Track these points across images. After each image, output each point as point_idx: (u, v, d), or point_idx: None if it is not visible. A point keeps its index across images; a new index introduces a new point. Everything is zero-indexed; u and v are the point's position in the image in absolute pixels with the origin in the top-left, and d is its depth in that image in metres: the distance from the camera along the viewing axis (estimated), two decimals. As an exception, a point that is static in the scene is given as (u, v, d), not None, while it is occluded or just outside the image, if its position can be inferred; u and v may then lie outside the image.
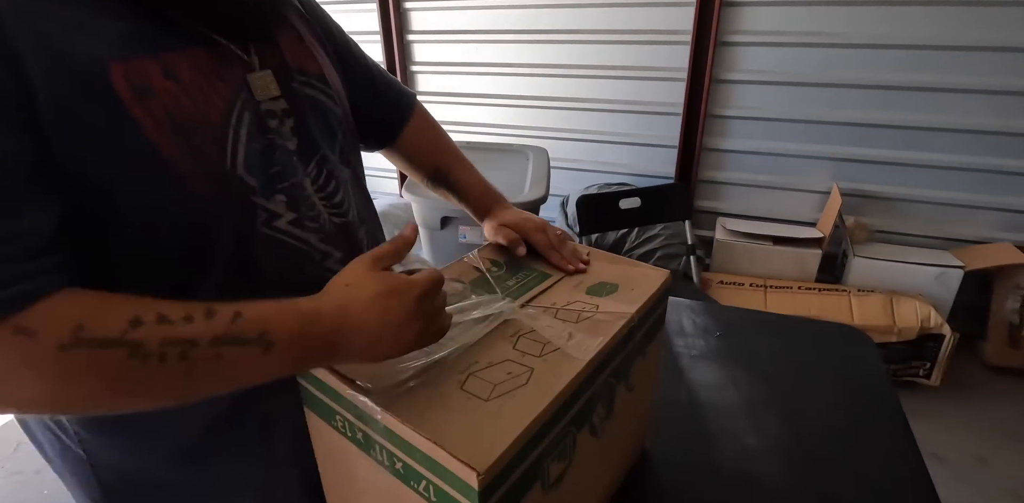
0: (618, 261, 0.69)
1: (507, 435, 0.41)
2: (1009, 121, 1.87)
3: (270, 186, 0.53)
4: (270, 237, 0.53)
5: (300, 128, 0.57)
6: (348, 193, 0.63)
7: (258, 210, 0.52)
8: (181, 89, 0.46)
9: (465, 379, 0.47)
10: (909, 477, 0.75)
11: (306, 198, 0.56)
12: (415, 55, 2.67)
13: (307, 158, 0.57)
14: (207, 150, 0.48)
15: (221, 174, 0.49)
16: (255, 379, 0.43)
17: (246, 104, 0.51)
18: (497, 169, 1.85)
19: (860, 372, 0.98)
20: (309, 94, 0.59)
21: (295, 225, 0.55)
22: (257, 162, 0.51)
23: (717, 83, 2.15)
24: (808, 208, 2.24)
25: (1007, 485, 1.55)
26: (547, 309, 0.58)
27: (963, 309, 1.96)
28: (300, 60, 0.59)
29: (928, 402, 1.85)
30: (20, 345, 0.36)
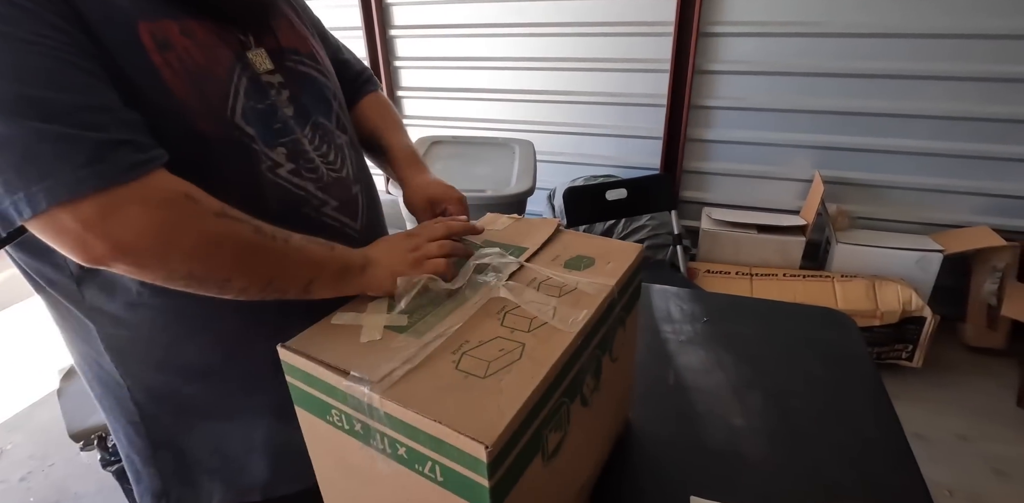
0: (590, 237, 0.71)
1: (510, 408, 0.42)
2: (983, 106, 1.91)
3: (272, 139, 0.62)
4: (273, 181, 0.62)
5: (294, 98, 0.66)
6: (343, 154, 0.71)
7: (261, 156, 0.61)
8: (194, 45, 0.56)
9: (459, 359, 0.48)
10: (892, 454, 0.78)
11: (304, 153, 0.65)
12: (398, 50, 2.66)
13: (302, 123, 0.66)
14: (212, 97, 0.57)
15: (223, 120, 0.58)
16: (318, 273, 0.57)
17: (244, 72, 0.60)
18: (483, 163, 1.85)
19: (843, 353, 1.00)
20: (302, 70, 0.68)
21: (294, 174, 0.64)
22: (256, 117, 0.60)
23: (700, 74, 2.17)
24: (791, 196, 2.27)
25: (987, 461, 1.59)
26: (530, 283, 0.59)
27: (943, 292, 2.00)
28: (293, 42, 0.68)
29: (910, 383, 1.89)
30: (190, 207, 0.49)
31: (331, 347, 0.50)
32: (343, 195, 0.69)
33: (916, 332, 1.88)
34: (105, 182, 0.45)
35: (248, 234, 0.52)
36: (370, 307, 0.56)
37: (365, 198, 0.73)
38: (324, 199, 0.66)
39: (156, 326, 0.62)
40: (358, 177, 0.73)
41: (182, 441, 0.69)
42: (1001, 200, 2.03)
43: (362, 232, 0.71)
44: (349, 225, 0.70)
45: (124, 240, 0.46)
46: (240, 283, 0.53)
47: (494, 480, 0.41)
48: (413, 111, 2.78)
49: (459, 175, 1.74)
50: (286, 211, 0.63)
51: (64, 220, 0.44)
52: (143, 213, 0.46)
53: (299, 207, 0.64)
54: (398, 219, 2.41)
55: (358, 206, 0.72)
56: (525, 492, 0.46)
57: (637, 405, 0.86)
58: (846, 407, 0.87)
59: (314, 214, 0.66)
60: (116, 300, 0.61)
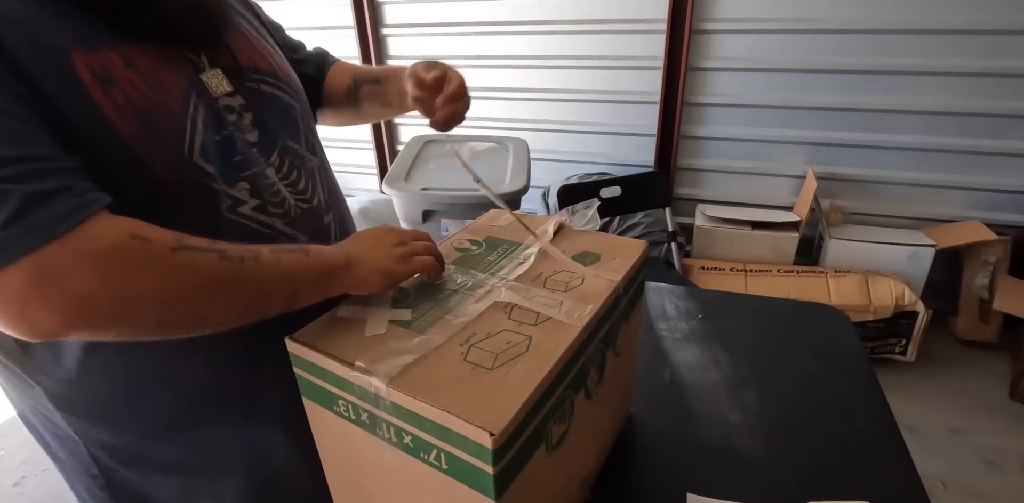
0: (595, 234, 0.72)
1: (517, 398, 0.43)
2: (975, 102, 1.93)
3: (232, 175, 0.57)
4: (235, 222, 0.57)
5: (258, 122, 0.61)
6: (315, 180, 0.67)
7: (221, 196, 0.56)
8: (139, 76, 0.50)
9: (467, 351, 0.49)
10: (887, 449, 0.78)
11: (270, 185, 0.60)
12: (390, 49, 2.65)
13: (268, 148, 0.62)
14: (166, 135, 0.52)
15: (179, 160, 0.53)
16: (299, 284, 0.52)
17: (200, 99, 0.55)
18: (477, 161, 1.85)
19: (837, 348, 1.01)
20: (265, 91, 0.63)
21: (259, 211, 0.59)
22: (216, 152, 0.55)
23: (693, 71, 2.18)
24: (785, 192, 2.28)
25: (980, 454, 1.61)
26: (535, 279, 0.60)
27: (935, 286, 2.02)
28: (252, 59, 0.63)
29: (904, 377, 1.91)
30: (140, 247, 0.43)
31: (338, 339, 0.51)
32: (313, 227, 0.65)
33: (909, 326, 1.89)
34: (35, 240, 0.38)
35: (213, 263, 0.46)
36: (375, 301, 0.57)
37: (338, 227, 0.70)
38: (293, 235, 0.62)
39: (111, 386, 0.58)
40: (330, 204, 0.69)
41: (147, 496, 0.65)
42: (992, 195, 2.04)
43: None
44: None
45: (72, 304, 0.39)
46: (217, 318, 0.48)
47: (499, 467, 0.42)
48: (406, 110, 2.78)
49: (453, 174, 1.74)
50: None
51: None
52: (87, 267, 0.39)
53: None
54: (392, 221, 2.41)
55: (330, 238, 0.68)
56: (528, 481, 0.47)
57: (634, 401, 0.87)
58: (841, 402, 0.88)
59: None
60: (64, 360, 0.56)
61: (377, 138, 2.84)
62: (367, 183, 2.96)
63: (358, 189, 2.94)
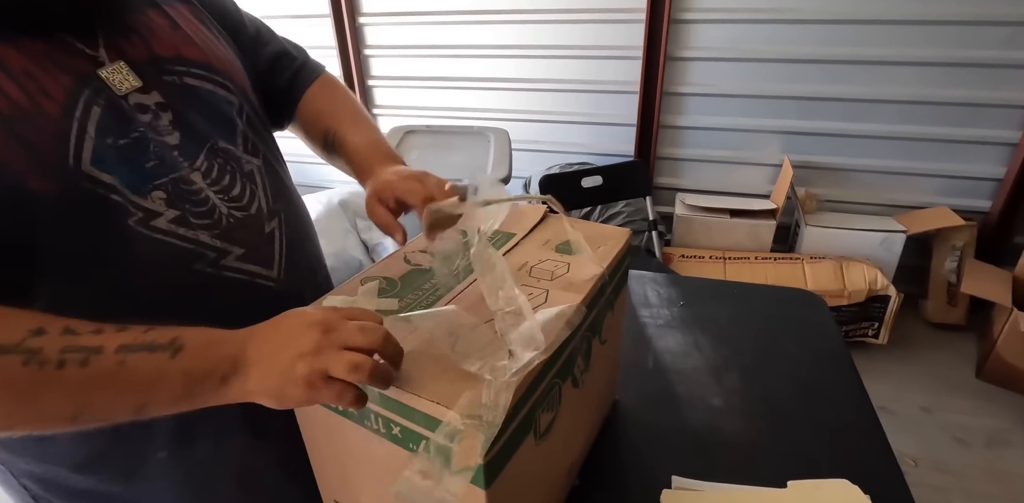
0: (580, 222, 0.71)
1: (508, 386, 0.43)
2: (942, 90, 1.97)
3: (142, 183, 0.50)
4: (149, 238, 0.50)
5: (180, 121, 0.54)
6: (253, 184, 0.60)
7: (125, 209, 0.48)
8: (8, 79, 0.44)
9: (455, 341, 0.48)
10: (863, 429, 0.81)
11: (193, 193, 0.53)
12: (367, 38, 2.61)
13: (193, 151, 0.54)
14: (41, 144, 0.44)
15: (62, 170, 0.45)
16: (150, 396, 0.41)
17: (96, 98, 0.48)
18: (458, 152, 1.84)
19: (815, 333, 1.04)
20: (191, 84, 0.56)
21: (178, 223, 0.52)
22: (117, 158, 0.48)
23: (672, 60, 2.19)
24: (762, 181, 2.31)
25: (949, 431, 1.67)
26: (520, 269, 0.60)
27: (906, 270, 2.08)
28: (176, 48, 0.55)
29: (876, 360, 1.97)
30: None
31: None
32: (250, 238, 0.57)
33: (881, 310, 1.95)
34: None
35: (14, 371, 0.37)
36: (361, 291, 0.56)
37: (285, 235, 0.61)
38: (224, 248, 0.55)
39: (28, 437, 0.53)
40: (274, 210, 0.61)
41: None
42: (960, 181, 2.10)
43: (281, 280, 0.60)
44: (261, 275, 0.58)
45: None
46: (31, 428, 0.40)
47: (488, 457, 0.42)
48: (384, 101, 2.75)
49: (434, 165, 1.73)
50: (173, 271, 0.52)
51: None
52: None
53: (190, 264, 0.53)
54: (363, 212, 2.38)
55: (273, 248, 0.60)
56: (517, 469, 0.47)
57: (619, 386, 0.88)
58: (819, 385, 0.90)
59: (211, 269, 0.54)
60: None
61: (355, 129, 2.80)
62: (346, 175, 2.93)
63: (337, 181, 2.91)
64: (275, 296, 0.59)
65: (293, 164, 0.77)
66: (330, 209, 2.44)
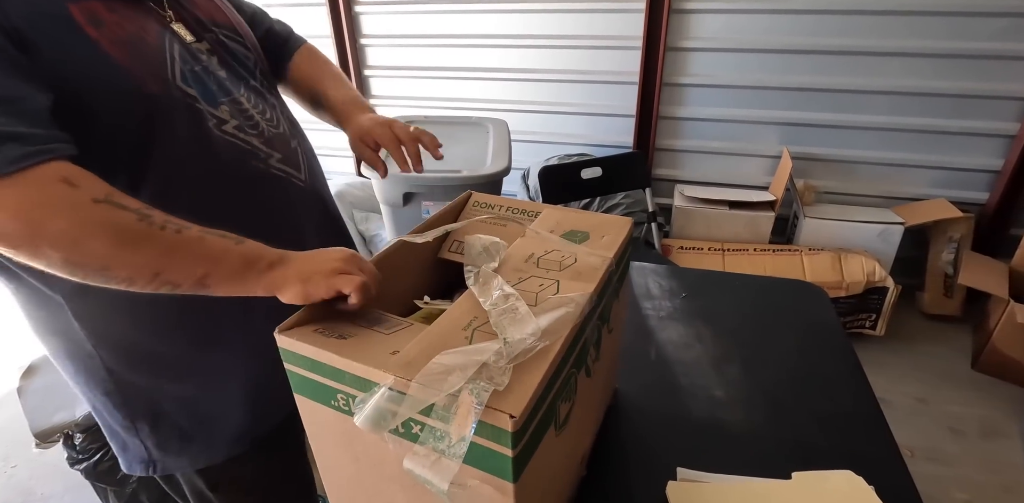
0: (581, 212, 0.72)
1: (531, 380, 0.43)
2: (941, 82, 1.97)
3: (213, 99, 0.66)
4: (221, 137, 0.66)
5: (223, 63, 0.71)
6: (277, 113, 0.75)
7: (206, 115, 0.65)
8: (122, 18, 0.60)
9: (472, 335, 0.48)
10: (864, 419, 0.82)
11: (245, 111, 0.70)
12: (364, 27, 2.58)
13: (237, 84, 0.71)
14: (152, 62, 0.61)
15: (166, 81, 0.62)
16: (214, 267, 0.53)
17: (173, 39, 0.65)
18: (458, 142, 1.83)
19: (815, 323, 1.04)
20: (223, 41, 0.72)
21: (239, 130, 0.68)
22: (194, 79, 0.65)
23: (672, 51, 2.17)
24: (761, 172, 2.31)
25: (944, 421, 1.69)
26: (528, 259, 0.59)
27: (903, 262, 2.09)
28: (210, 13, 0.73)
29: (873, 351, 1.98)
30: (64, 192, 0.48)
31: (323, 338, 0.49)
32: (285, 148, 0.74)
33: (879, 302, 1.95)
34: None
35: (130, 222, 0.50)
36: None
37: (304, 152, 0.78)
38: (269, 152, 0.71)
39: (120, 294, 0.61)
40: (294, 133, 0.78)
41: (159, 407, 0.71)
42: (958, 173, 2.10)
43: (307, 181, 0.77)
44: (295, 175, 0.75)
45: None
46: (122, 272, 0.51)
47: (517, 450, 0.42)
48: (380, 91, 2.72)
49: (433, 156, 1.71)
50: (236, 164, 0.68)
51: None
52: (13, 197, 0.46)
53: (248, 160, 0.69)
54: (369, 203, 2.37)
55: (299, 158, 0.76)
56: (540, 461, 0.47)
57: (622, 379, 0.88)
58: (820, 375, 0.91)
59: (263, 166, 0.70)
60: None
61: (352, 119, 2.77)
62: (344, 166, 2.90)
63: (333, 173, 2.88)
64: (306, 193, 0.76)
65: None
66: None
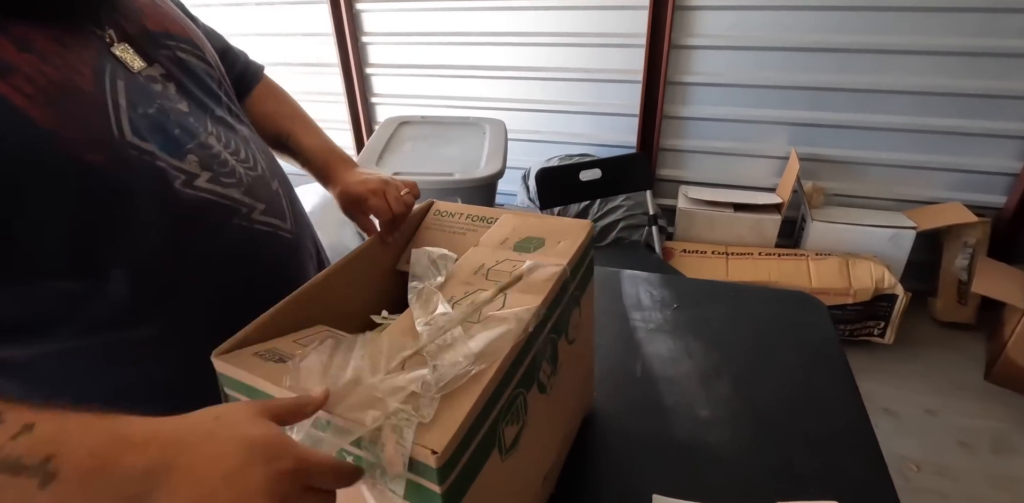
0: (540, 216, 0.69)
1: (458, 410, 0.40)
2: (955, 81, 1.90)
3: (178, 148, 0.54)
4: (195, 197, 0.54)
5: (183, 90, 0.58)
6: (251, 149, 0.64)
7: (169, 172, 0.52)
8: (39, 58, 0.46)
9: (404, 363, 0.45)
10: (858, 443, 0.77)
11: (215, 156, 0.58)
12: (365, 25, 2.55)
13: (202, 118, 0.59)
14: (90, 117, 0.47)
15: (110, 142, 0.48)
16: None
17: (116, 73, 0.51)
18: (452, 144, 1.80)
19: (812, 338, 0.99)
20: (180, 58, 0.59)
21: (214, 183, 0.56)
22: (150, 126, 0.52)
23: (676, 49, 2.12)
24: (767, 174, 2.25)
25: (954, 434, 1.63)
26: (477, 271, 0.56)
27: (915, 267, 2.02)
28: (163, 24, 0.59)
29: (881, 360, 1.92)
30: None
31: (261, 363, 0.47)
32: (267, 194, 0.63)
33: (888, 309, 1.89)
34: None
35: None
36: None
37: (285, 193, 0.68)
38: (252, 204, 0.60)
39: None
40: (272, 171, 0.66)
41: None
42: (973, 176, 2.03)
43: (294, 232, 0.66)
44: (281, 227, 0.64)
45: None
46: None
47: (446, 485, 0.39)
48: (382, 89, 2.69)
49: (426, 157, 1.68)
50: (216, 229, 0.56)
51: None
52: None
53: (230, 219, 0.58)
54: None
55: (282, 203, 0.66)
56: (483, 488, 0.45)
57: (603, 396, 0.85)
58: (813, 394, 0.86)
59: (245, 223, 0.59)
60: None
61: (354, 117, 2.76)
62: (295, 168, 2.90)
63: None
64: (292, 246, 0.66)
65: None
66: (325, 200, 2.41)
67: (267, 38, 2.65)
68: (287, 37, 2.62)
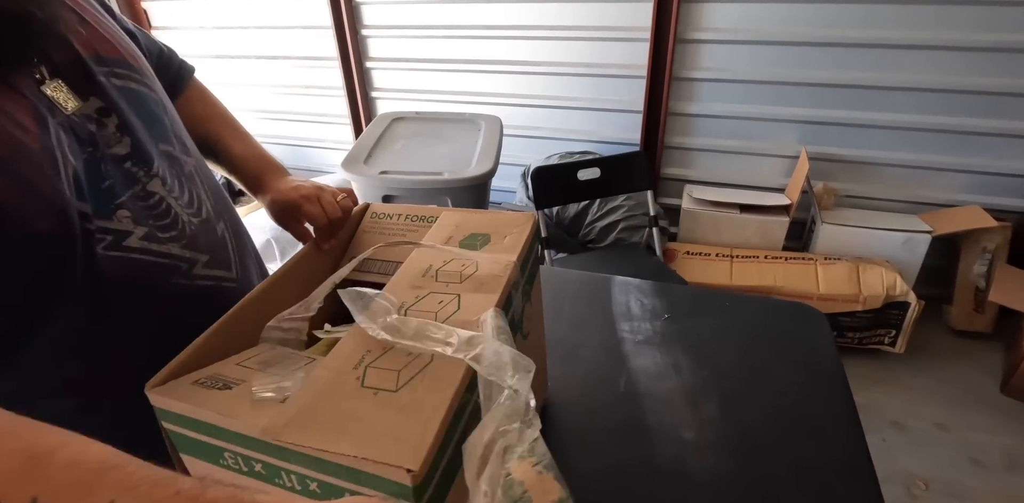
0: (481, 213, 0.67)
1: (431, 422, 0.38)
2: (977, 79, 1.80)
3: (105, 204, 0.47)
4: (123, 259, 0.48)
5: (125, 126, 0.51)
6: (196, 187, 0.58)
7: (95, 235, 0.46)
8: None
9: (363, 374, 0.42)
10: (853, 471, 0.71)
11: (155, 206, 0.52)
12: (364, 18, 2.50)
13: (147, 158, 0.52)
14: (38, 180, 0.41)
15: (64, 205, 0.42)
16: None
17: (54, 119, 0.45)
18: (445, 141, 1.74)
19: (810, 353, 0.93)
20: (119, 84, 0.52)
21: (150, 240, 0.50)
22: (87, 180, 0.46)
23: (682, 43, 2.04)
24: (776, 173, 2.17)
25: (965, 451, 1.55)
26: (426, 274, 0.53)
27: (930, 272, 1.94)
28: (94, 47, 0.51)
29: (891, 369, 1.83)
30: None
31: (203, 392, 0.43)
32: (211, 242, 0.57)
33: (900, 317, 1.81)
34: None
35: None
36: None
37: (232, 236, 0.62)
38: (192, 257, 0.54)
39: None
40: (219, 211, 0.61)
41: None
42: (993, 178, 1.93)
43: (240, 280, 0.61)
44: (225, 278, 0.59)
45: None
46: None
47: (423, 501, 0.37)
48: (382, 83, 2.64)
49: (417, 156, 1.63)
50: (152, 288, 0.51)
51: None
52: None
53: (168, 279, 0.52)
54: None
55: (228, 248, 0.60)
56: (458, 497, 0.42)
57: (582, 415, 0.79)
58: (808, 415, 0.80)
59: (185, 281, 0.53)
60: None
61: (354, 112, 2.71)
62: (329, 158, 2.85)
63: (334, 165, 2.83)
64: (237, 294, 0.56)
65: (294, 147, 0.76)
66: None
67: (266, 31, 2.61)
68: (286, 30, 2.58)
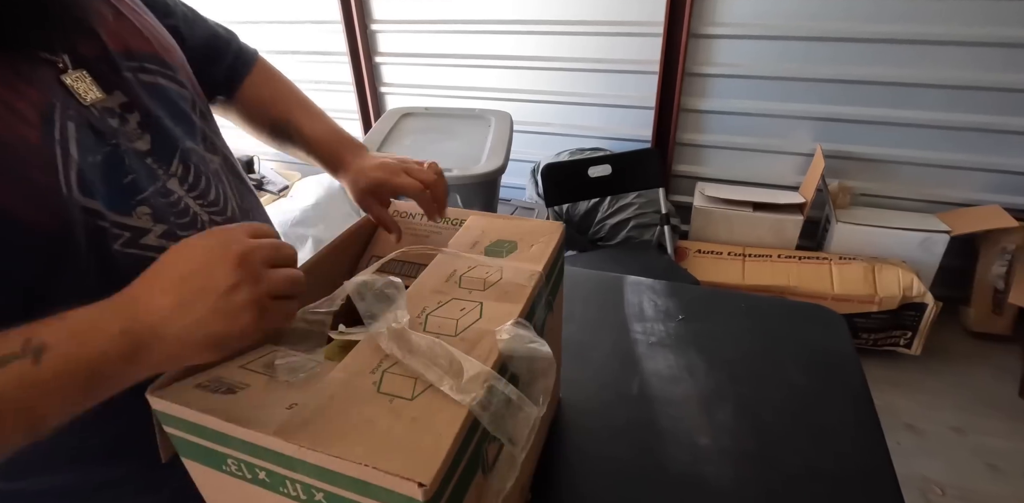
0: (508, 219, 0.65)
1: (445, 436, 0.37)
2: (997, 75, 1.76)
3: (125, 202, 0.47)
4: (140, 258, 0.47)
5: (149, 121, 0.50)
6: (222, 185, 0.57)
7: (110, 234, 0.45)
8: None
9: (380, 379, 0.41)
10: (872, 477, 0.69)
11: (175, 203, 0.51)
12: (374, 13, 2.48)
13: (167, 156, 0.51)
14: (32, 175, 0.40)
15: (57, 202, 0.41)
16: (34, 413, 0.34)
17: (66, 112, 0.44)
18: (455, 137, 1.72)
19: (828, 357, 0.91)
20: (146, 80, 0.51)
21: (168, 237, 0.49)
22: (98, 178, 0.45)
23: (695, 38, 2.01)
24: (791, 171, 2.14)
25: (982, 456, 1.52)
26: (449, 279, 0.52)
27: (947, 273, 1.90)
28: (125, 41, 0.51)
29: (907, 371, 1.80)
30: None
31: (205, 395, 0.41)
32: None
33: (916, 318, 1.77)
34: None
35: None
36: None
37: None
38: None
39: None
40: (244, 209, 0.60)
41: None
42: (1014, 177, 1.89)
43: None
44: None
45: None
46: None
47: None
48: (392, 78, 2.63)
49: (427, 152, 1.61)
50: None
51: None
52: None
53: None
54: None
55: None
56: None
57: (594, 419, 0.78)
58: (826, 422, 0.78)
59: None
60: None
61: (363, 107, 2.70)
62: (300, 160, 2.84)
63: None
64: None
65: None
66: (331, 193, 2.37)
67: (275, 25, 2.60)
68: (295, 24, 2.57)
